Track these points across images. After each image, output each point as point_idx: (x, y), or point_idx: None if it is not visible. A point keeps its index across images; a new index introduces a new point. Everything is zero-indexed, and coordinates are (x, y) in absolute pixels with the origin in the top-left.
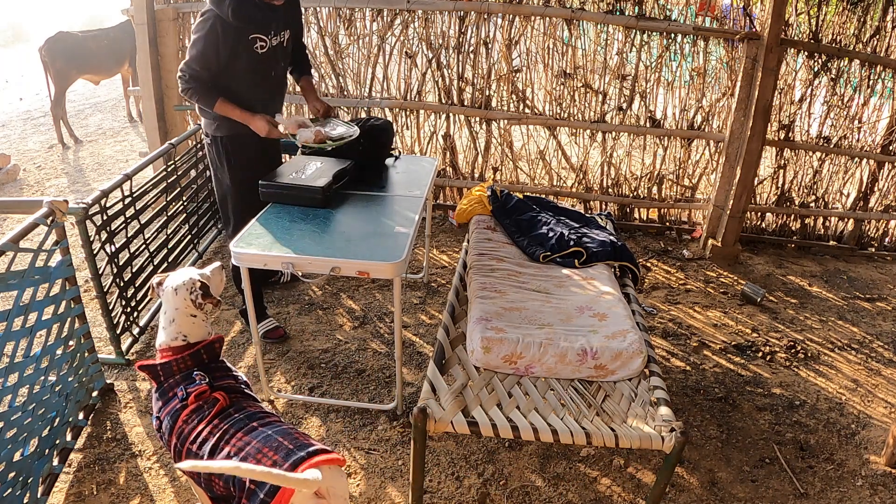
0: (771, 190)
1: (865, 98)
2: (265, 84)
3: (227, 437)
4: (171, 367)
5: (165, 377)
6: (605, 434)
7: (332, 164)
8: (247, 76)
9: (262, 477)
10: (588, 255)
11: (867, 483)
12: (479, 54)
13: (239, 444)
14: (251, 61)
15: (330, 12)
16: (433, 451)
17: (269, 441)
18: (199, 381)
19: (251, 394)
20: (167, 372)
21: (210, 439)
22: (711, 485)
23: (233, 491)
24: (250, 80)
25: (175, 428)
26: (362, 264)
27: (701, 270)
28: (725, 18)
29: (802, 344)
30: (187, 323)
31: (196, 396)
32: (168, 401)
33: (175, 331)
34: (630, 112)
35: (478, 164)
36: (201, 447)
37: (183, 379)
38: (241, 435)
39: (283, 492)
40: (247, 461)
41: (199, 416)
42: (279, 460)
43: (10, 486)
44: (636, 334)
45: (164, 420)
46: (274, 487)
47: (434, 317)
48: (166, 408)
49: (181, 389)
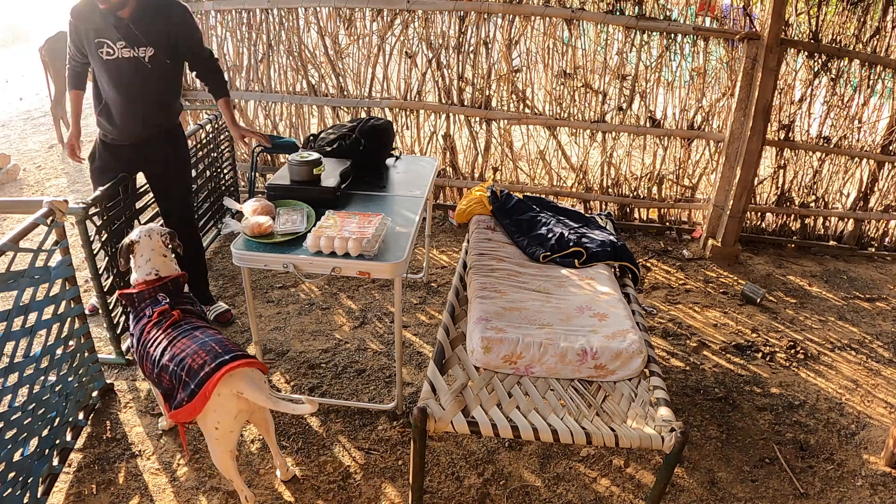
0: (771, 190)
1: (865, 98)
2: (121, 91)
3: (174, 341)
4: (144, 294)
5: (139, 302)
6: (605, 434)
7: (335, 164)
8: (102, 77)
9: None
10: (588, 255)
11: (867, 483)
12: (479, 54)
13: (181, 345)
14: (99, 64)
15: (330, 12)
16: (433, 451)
17: (205, 346)
18: (163, 301)
19: (204, 317)
20: (140, 298)
21: (162, 342)
22: (711, 485)
23: (174, 384)
24: (105, 81)
25: (140, 338)
26: (363, 264)
27: (701, 270)
28: (725, 18)
29: (802, 344)
30: (160, 261)
31: (159, 314)
32: (139, 320)
33: (150, 267)
34: (630, 112)
35: (478, 164)
36: (155, 349)
37: (152, 302)
38: (185, 340)
39: (207, 384)
40: (185, 360)
41: (158, 327)
42: (208, 360)
43: (10, 486)
44: (636, 334)
45: (135, 334)
46: (202, 380)
47: (434, 317)
48: (137, 325)
49: (149, 309)
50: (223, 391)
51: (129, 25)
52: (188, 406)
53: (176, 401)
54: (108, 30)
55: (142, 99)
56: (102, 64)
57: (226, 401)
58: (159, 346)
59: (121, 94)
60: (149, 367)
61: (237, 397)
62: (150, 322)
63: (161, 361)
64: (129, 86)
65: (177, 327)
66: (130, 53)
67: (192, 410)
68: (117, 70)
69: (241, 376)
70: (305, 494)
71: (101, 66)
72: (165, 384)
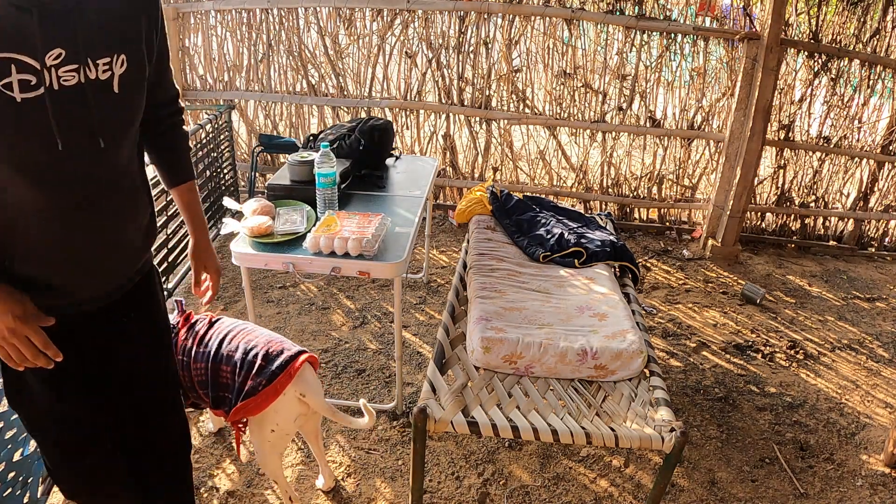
0: (771, 190)
1: (865, 98)
2: (63, 177)
3: (230, 334)
4: None
5: None
6: (605, 434)
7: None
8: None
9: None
10: (588, 255)
11: (867, 483)
12: (479, 54)
13: (246, 336)
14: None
15: (330, 12)
16: (433, 451)
17: (274, 336)
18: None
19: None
20: None
21: (218, 336)
22: (711, 485)
23: (241, 373)
24: (17, 161)
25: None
26: (363, 264)
27: (701, 270)
28: (725, 18)
29: (802, 344)
30: None
31: (184, 321)
32: None
33: None
34: (630, 112)
35: (478, 164)
36: (206, 346)
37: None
38: (247, 332)
39: (291, 366)
40: (256, 348)
41: (190, 332)
42: (286, 347)
43: (9, 486)
44: (636, 334)
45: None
46: (285, 362)
47: (434, 317)
48: None
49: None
50: (288, 391)
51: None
52: (264, 392)
53: (248, 389)
54: (26, 33)
55: (113, 188)
56: (11, 115)
57: (289, 402)
58: (214, 341)
59: (54, 184)
60: (201, 367)
61: (299, 400)
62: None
63: (221, 353)
64: (78, 157)
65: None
66: (80, 75)
67: (266, 397)
68: (40, 121)
69: (306, 379)
70: (305, 494)
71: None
72: (224, 378)
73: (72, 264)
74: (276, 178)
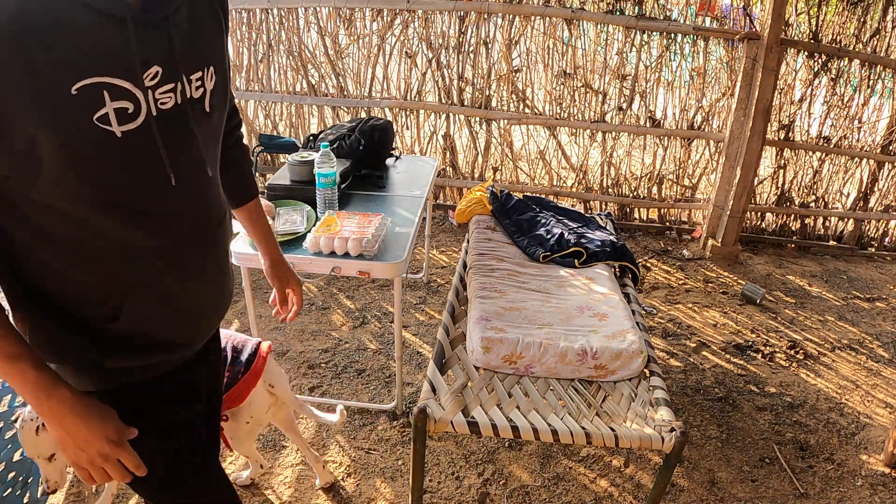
0: (771, 190)
1: (865, 98)
2: (163, 217)
3: None
4: None
5: None
6: (605, 434)
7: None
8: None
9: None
10: (588, 255)
11: (867, 483)
12: (479, 54)
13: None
14: (99, 161)
15: (330, 12)
16: (433, 451)
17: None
18: None
19: None
20: None
21: None
22: (711, 485)
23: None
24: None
25: None
26: (363, 264)
27: (701, 270)
28: (725, 18)
29: (802, 344)
30: None
31: None
32: None
33: None
34: (630, 112)
35: (478, 164)
36: None
37: None
38: None
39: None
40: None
41: None
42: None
43: (9, 486)
44: (636, 334)
45: None
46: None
47: (434, 317)
48: None
49: None
50: (259, 383)
51: (164, 18)
52: (244, 379)
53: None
54: (123, 52)
55: (219, 223)
56: (113, 153)
57: (260, 393)
58: None
59: (176, 230)
60: None
61: (269, 392)
62: None
63: None
64: (191, 191)
65: None
66: (175, 95)
67: (247, 384)
68: (157, 156)
69: (271, 370)
70: (305, 494)
71: (102, 169)
72: None
73: (183, 314)
74: (276, 178)
